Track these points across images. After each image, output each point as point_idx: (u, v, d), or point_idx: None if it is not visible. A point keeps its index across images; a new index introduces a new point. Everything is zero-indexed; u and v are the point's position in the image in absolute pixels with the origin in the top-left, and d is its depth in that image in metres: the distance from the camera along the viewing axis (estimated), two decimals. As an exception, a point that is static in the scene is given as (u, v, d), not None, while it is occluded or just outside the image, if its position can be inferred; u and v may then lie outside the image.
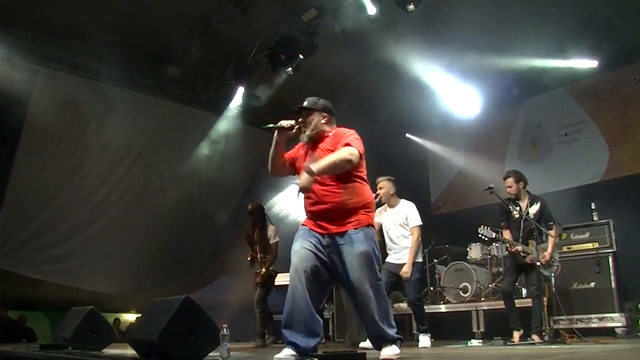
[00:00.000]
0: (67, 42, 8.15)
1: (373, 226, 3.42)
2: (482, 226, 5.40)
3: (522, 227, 5.42)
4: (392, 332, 3.32)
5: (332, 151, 3.34)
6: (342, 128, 3.52)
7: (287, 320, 3.26)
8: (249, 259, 6.89)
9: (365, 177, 3.47)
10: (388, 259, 5.60)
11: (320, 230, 3.37)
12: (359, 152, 3.29)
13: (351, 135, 3.40)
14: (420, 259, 5.65)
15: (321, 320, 3.38)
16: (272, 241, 6.76)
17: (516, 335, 5.30)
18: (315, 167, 3.15)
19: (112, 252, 9.15)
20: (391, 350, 3.28)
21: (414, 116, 9.60)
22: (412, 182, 9.84)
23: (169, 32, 8.20)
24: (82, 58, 8.29)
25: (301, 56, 7.79)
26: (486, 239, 5.43)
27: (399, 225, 5.59)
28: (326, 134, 3.51)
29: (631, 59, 7.86)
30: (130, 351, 3.75)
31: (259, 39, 8.34)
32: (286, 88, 8.87)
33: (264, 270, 6.62)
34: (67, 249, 8.74)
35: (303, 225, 3.49)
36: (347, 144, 3.30)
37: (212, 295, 9.83)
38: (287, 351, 3.21)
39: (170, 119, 9.16)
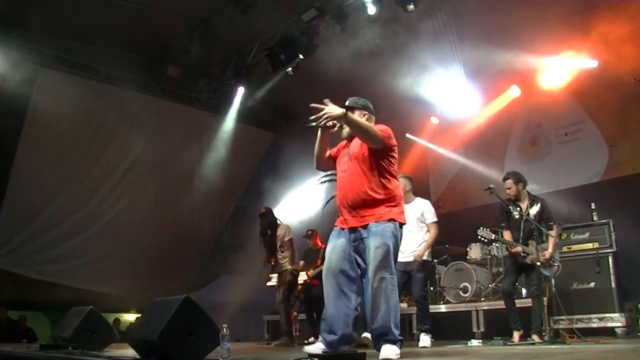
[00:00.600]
0: (67, 42, 8.16)
1: (397, 221, 3.44)
2: (481, 227, 5.40)
3: (522, 227, 5.42)
4: (396, 332, 3.33)
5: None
6: (380, 124, 3.62)
7: (322, 316, 3.54)
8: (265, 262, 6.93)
9: (394, 173, 3.54)
10: (399, 258, 5.61)
11: (345, 226, 3.51)
12: (384, 140, 3.42)
13: (380, 127, 3.53)
14: (429, 257, 5.75)
15: (350, 317, 3.44)
16: (286, 239, 6.72)
17: (516, 335, 5.30)
18: (350, 114, 3.33)
19: (112, 252, 9.16)
20: (392, 350, 3.28)
21: (414, 116, 9.60)
22: (412, 182, 9.86)
23: (169, 32, 8.21)
24: (82, 58, 8.30)
25: (301, 56, 7.79)
26: (486, 240, 5.43)
27: (414, 220, 5.62)
28: None
29: (631, 59, 7.85)
30: (130, 351, 3.75)
31: (259, 39, 8.34)
32: (286, 88, 8.88)
33: (285, 269, 6.62)
34: (67, 249, 8.75)
35: (335, 225, 3.64)
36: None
37: (212, 295, 9.83)
38: (318, 344, 3.48)
39: (170, 119, 9.17)
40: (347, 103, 3.65)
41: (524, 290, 6.40)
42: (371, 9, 6.86)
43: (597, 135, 8.22)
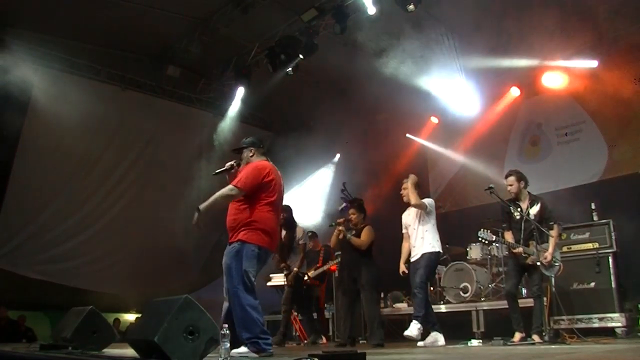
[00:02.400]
0: (67, 42, 8.16)
1: (250, 243, 3.93)
2: (482, 229, 5.40)
3: (523, 228, 5.41)
4: (245, 334, 3.78)
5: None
6: (257, 162, 4.15)
7: None
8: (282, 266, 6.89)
9: (267, 200, 4.02)
10: (412, 259, 5.73)
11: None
12: (238, 186, 3.95)
13: (246, 170, 4.08)
14: (438, 249, 5.71)
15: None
16: (301, 241, 6.82)
17: (517, 335, 5.29)
18: (202, 205, 3.96)
19: (112, 252, 9.16)
20: (243, 349, 3.77)
21: (414, 116, 9.60)
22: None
23: (169, 32, 8.21)
24: (82, 58, 8.29)
25: (301, 56, 7.79)
26: (486, 242, 5.42)
27: (412, 220, 5.72)
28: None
29: (631, 59, 7.85)
30: (130, 351, 3.75)
31: (259, 39, 8.34)
32: (286, 88, 8.88)
33: (295, 269, 6.71)
34: (67, 249, 8.75)
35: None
36: (233, 181, 4.02)
37: (212, 295, 9.81)
38: None
39: (170, 119, 9.16)
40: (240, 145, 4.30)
41: (524, 290, 6.39)
42: (371, 9, 6.86)
43: (597, 135, 8.22)
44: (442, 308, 7.16)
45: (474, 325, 6.61)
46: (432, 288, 7.77)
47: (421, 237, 5.67)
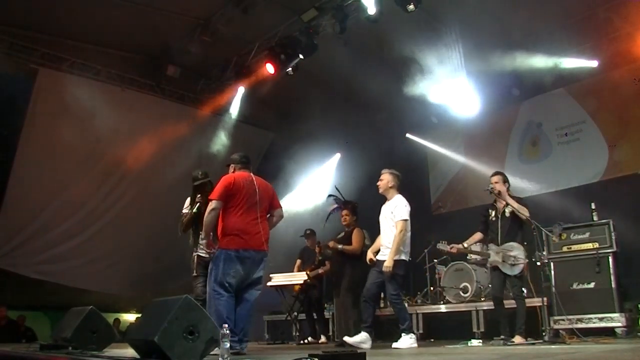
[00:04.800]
0: (67, 42, 8.16)
1: (221, 248, 4.47)
2: (440, 241, 5.63)
3: (499, 227, 5.43)
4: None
5: None
6: (229, 175, 4.71)
7: None
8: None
9: (234, 206, 4.52)
10: (378, 257, 5.56)
11: None
12: (213, 198, 4.50)
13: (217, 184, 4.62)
14: (405, 257, 5.43)
15: None
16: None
17: (518, 337, 5.26)
18: (203, 235, 4.73)
19: (111, 252, 9.15)
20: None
21: (414, 116, 9.60)
22: (412, 182, 9.80)
23: (169, 32, 8.21)
24: (82, 58, 8.29)
25: (301, 56, 7.78)
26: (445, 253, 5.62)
27: (385, 218, 5.54)
28: None
29: (631, 59, 7.85)
30: (130, 351, 3.75)
31: (259, 39, 8.34)
32: (286, 88, 8.88)
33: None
34: (67, 249, 8.74)
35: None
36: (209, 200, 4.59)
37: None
38: None
39: (170, 119, 9.16)
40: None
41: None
42: (371, 9, 6.86)
43: (597, 135, 8.22)
44: (442, 308, 7.17)
45: (474, 325, 6.61)
46: (432, 288, 7.78)
47: (388, 241, 5.43)
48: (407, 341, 5.25)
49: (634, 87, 7.60)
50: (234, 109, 9.34)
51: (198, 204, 5.25)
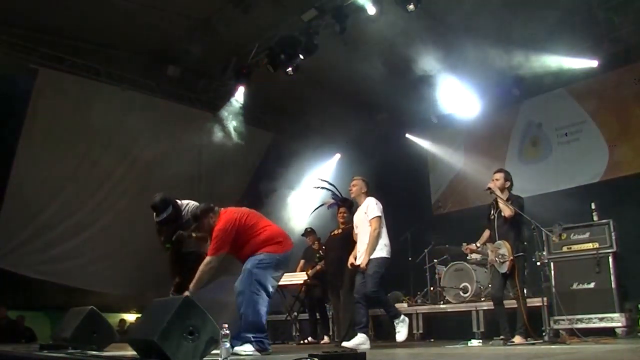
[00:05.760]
0: (67, 42, 8.16)
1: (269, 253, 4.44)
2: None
3: (496, 226, 5.44)
4: (247, 335, 4.24)
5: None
6: (219, 223, 4.45)
7: None
8: None
9: (253, 226, 4.53)
10: (357, 261, 5.55)
11: None
12: (214, 255, 4.34)
13: (214, 235, 4.40)
14: (386, 254, 5.40)
15: None
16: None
17: (518, 337, 5.26)
18: (191, 288, 4.30)
19: (112, 252, 9.14)
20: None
21: (414, 116, 9.60)
22: (412, 182, 9.85)
23: (169, 32, 8.20)
24: (82, 58, 8.29)
25: (301, 56, 7.78)
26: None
27: (360, 221, 5.56)
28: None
29: (631, 59, 7.86)
30: (130, 351, 3.75)
31: (259, 39, 8.34)
32: (286, 88, 8.88)
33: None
34: (67, 249, 8.73)
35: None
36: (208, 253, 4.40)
37: (212, 295, 9.79)
38: None
39: (170, 119, 9.16)
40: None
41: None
42: (371, 9, 6.85)
43: (597, 135, 8.22)
44: (442, 308, 7.16)
45: (474, 325, 6.60)
46: (432, 288, 7.78)
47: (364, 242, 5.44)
48: (404, 332, 5.30)
49: (634, 87, 7.61)
50: (234, 109, 9.33)
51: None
